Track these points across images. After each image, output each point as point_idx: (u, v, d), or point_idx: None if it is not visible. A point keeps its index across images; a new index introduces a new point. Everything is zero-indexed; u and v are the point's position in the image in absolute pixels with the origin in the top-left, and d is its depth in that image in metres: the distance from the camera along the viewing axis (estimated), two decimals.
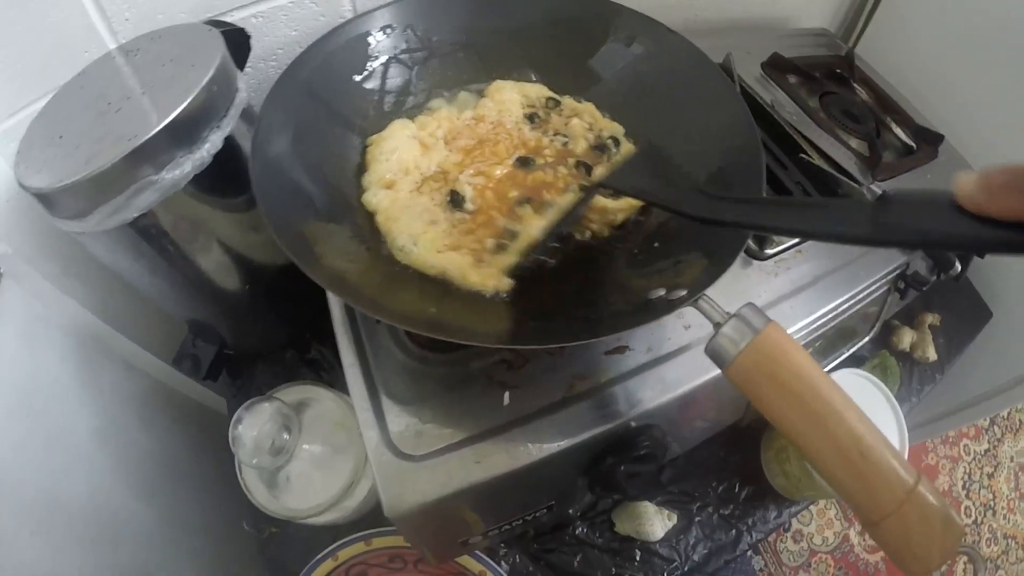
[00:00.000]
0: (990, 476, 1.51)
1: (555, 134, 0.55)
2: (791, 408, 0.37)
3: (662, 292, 0.42)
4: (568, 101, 0.58)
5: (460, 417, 0.45)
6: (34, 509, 0.51)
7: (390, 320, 0.38)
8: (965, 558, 0.37)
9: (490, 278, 0.44)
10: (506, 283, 0.45)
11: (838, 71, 0.80)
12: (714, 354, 0.38)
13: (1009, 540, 1.44)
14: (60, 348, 0.61)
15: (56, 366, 0.60)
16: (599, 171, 0.53)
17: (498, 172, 0.50)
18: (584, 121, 0.56)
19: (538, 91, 0.59)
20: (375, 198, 0.48)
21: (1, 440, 0.48)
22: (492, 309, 0.44)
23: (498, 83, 0.58)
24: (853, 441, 0.35)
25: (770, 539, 1.35)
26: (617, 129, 0.57)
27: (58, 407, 0.59)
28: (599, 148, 0.55)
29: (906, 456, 0.61)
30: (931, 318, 0.81)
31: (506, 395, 0.46)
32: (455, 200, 0.49)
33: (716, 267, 0.42)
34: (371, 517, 0.59)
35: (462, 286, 0.44)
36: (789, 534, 1.36)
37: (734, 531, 0.64)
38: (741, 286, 0.55)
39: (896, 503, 0.34)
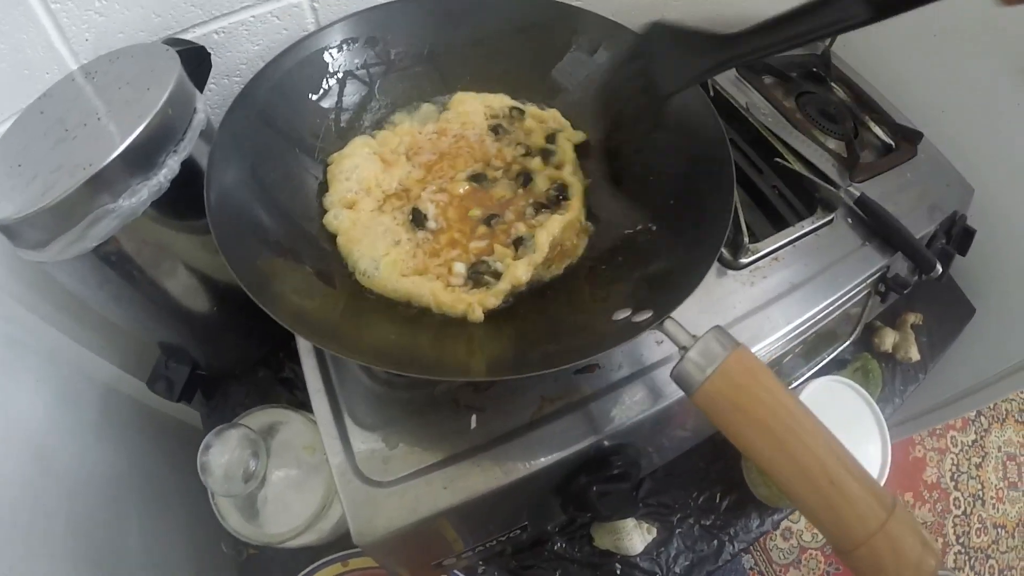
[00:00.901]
0: (978, 466, 1.52)
1: (518, 144, 0.54)
2: (759, 436, 0.36)
3: (627, 313, 0.41)
4: (532, 109, 0.57)
5: (427, 442, 0.44)
6: (21, 540, 0.51)
7: (352, 357, 0.37)
8: None
9: (460, 303, 0.43)
10: (480, 314, 0.44)
11: (815, 70, 0.79)
12: (680, 379, 0.38)
13: (999, 529, 1.44)
14: (36, 372, 0.61)
15: (33, 390, 0.59)
16: (538, 181, 0.52)
17: (459, 189, 0.50)
18: (546, 127, 0.56)
19: (501, 101, 0.58)
20: (336, 220, 0.47)
21: None
22: (460, 334, 0.44)
23: (460, 95, 0.57)
24: (823, 469, 0.35)
25: (760, 539, 1.36)
26: (575, 134, 0.56)
27: (38, 433, 0.58)
28: (544, 153, 0.54)
29: (887, 468, 0.60)
30: (913, 318, 0.81)
31: (473, 418, 0.45)
32: (416, 218, 0.48)
33: (683, 287, 0.41)
34: (347, 539, 0.58)
35: (432, 309, 0.44)
36: (779, 532, 1.37)
37: (716, 541, 0.63)
38: (715, 296, 0.54)
39: (868, 533, 0.33)
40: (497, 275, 0.46)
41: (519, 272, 0.46)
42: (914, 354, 0.78)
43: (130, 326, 0.62)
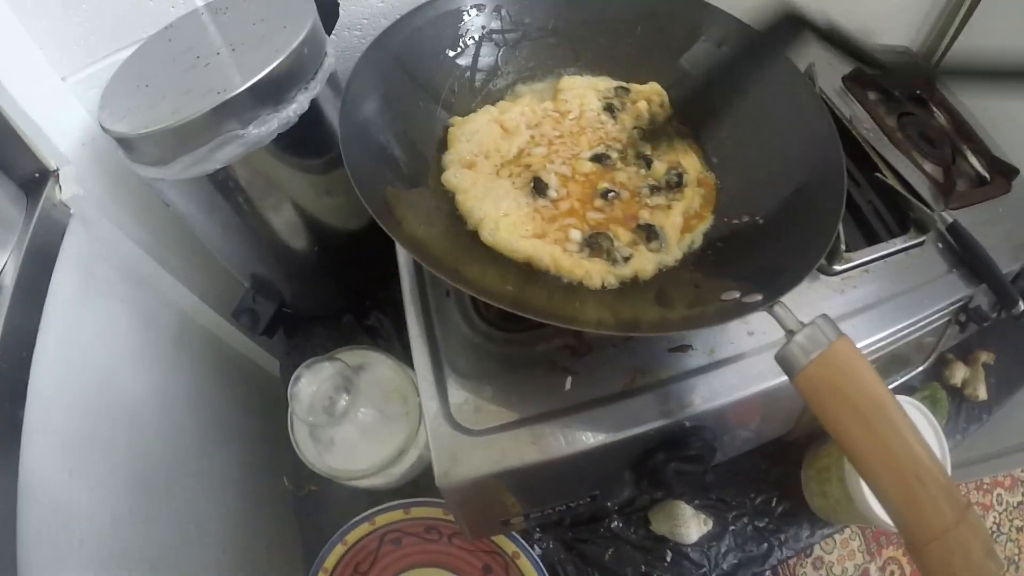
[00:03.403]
0: (1019, 530, 1.47)
1: (634, 128, 0.56)
2: (854, 423, 0.37)
3: (736, 295, 0.41)
4: (635, 86, 0.58)
5: (520, 397, 0.45)
6: (76, 449, 0.52)
7: (477, 293, 0.38)
8: None
9: (579, 268, 0.44)
10: (597, 282, 0.45)
11: (919, 92, 0.78)
12: (784, 361, 0.38)
13: None
14: (119, 294, 0.63)
15: (112, 311, 0.62)
16: (657, 165, 0.53)
17: (584, 168, 0.51)
18: (653, 103, 0.57)
19: (606, 83, 0.59)
20: (455, 178, 0.49)
21: (45, 377, 0.49)
22: (571, 296, 0.44)
23: (567, 79, 0.58)
24: (912, 463, 0.35)
25: (790, 563, 1.34)
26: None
27: (109, 352, 0.60)
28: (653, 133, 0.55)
29: None
30: (985, 356, 0.79)
31: (568, 380, 0.46)
32: (538, 187, 0.49)
33: (791, 275, 0.41)
34: (410, 487, 0.60)
35: (550, 271, 0.45)
36: (810, 560, 1.34)
37: (766, 544, 0.63)
38: (806, 299, 0.54)
39: (943, 529, 0.34)
40: (624, 258, 0.47)
41: (648, 266, 0.47)
42: (982, 393, 0.77)
43: (227, 254, 0.64)
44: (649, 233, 0.48)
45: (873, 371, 0.37)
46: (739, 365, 0.49)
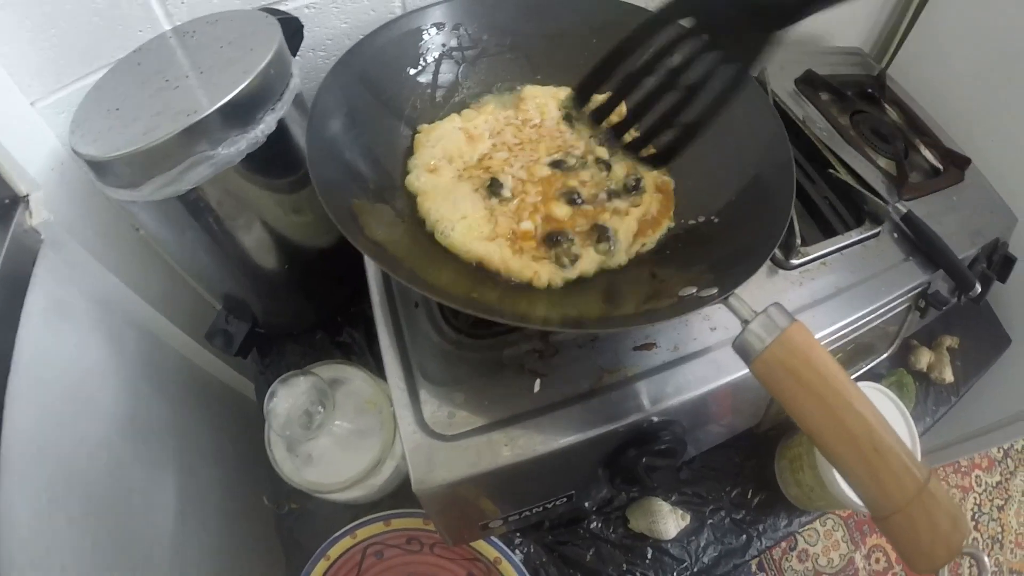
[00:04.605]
0: (1000, 509, 1.50)
1: (591, 134, 0.57)
2: (810, 402, 0.38)
3: (693, 290, 0.43)
4: (594, 96, 0.60)
5: (491, 401, 0.46)
6: (54, 478, 0.52)
7: (429, 292, 0.39)
8: (971, 560, 0.37)
9: (527, 270, 0.46)
10: (544, 282, 0.47)
11: (870, 91, 0.81)
12: (741, 349, 0.40)
13: (1015, 575, 1.42)
14: (92, 319, 0.62)
15: (84, 336, 0.61)
16: (617, 169, 0.55)
17: (539, 171, 0.52)
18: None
19: (566, 92, 0.60)
20: (418, 181, 0.50)
21: (21, 405, 0.49)
22: (525, 297, 0.46)
23: (530, 88, 0.60)
24: (868, 436, 0.37)
25: (775, 556, 1.35)
26: None
27: (82, 378, 0.60)
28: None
29: None
30: (950, 340, 0.82)
31: (537, 382, 0.47)
32: (493, 187, 0.51)
33: (745, 269, 0.43)
34: (390, 499, 0.61)
35: (501, 273, 0.46)
36: (795, 553, 1.36)
37: (744, 536, 0.64)
38: (766, 293, 0.56)
39: (906, 499, 0.35)
40: (575, 259, 0.48)
41: (590, 268, 0.48)
42: (948, 375, 0.79)
43: (199, 275, 0.64)
44: (601, 235, 0.49)
45: (827, 352, 0.39)
46: (703, 359, 0.50)
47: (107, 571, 0.54)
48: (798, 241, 0.58)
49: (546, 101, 0.59)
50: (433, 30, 0.57)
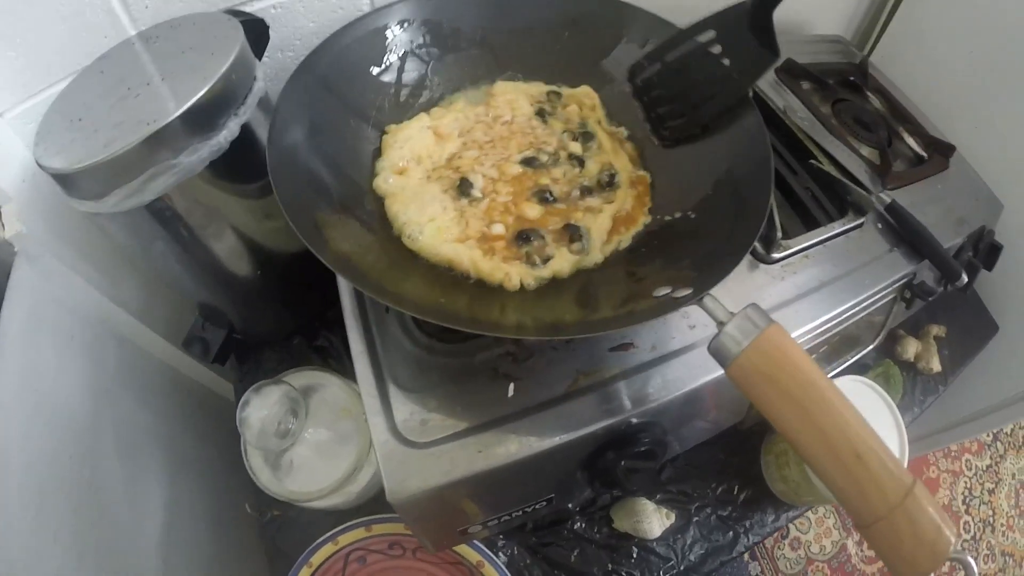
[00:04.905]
0: (991, 492, 1.51)
1: (564, 131, 0.56)
2: (789, 409, 0.37)
3: (667, 290, 0.42)
4: (566, 90, 0.59)
5: (464, 407, 0.45)
6: (40, 494, 0.51)
7: (394, 304, 0.39)
8: (958, 565, 0.37)
9: (498, 271, 0.45)
10: (516, 283, 0.46)
11: (852, 79, 0.80)
12: (716, 352, 0.39)
13: (1007, 557, 1.43)
14: (68, 329, 0.62)
15: (62, 348, 0.60)
16: (590, 165, 0.54)
17: (512, 170, 0.51)
18: (584, 106, 0.58)
19: (538, 88, 0.59)
20: (385, 183, 0.49)
21: (4, 426, 0.48)
22: (496, 299, 0.45)
23: (501, 84, 0.59)
24: (849, 444, 0.36)
25: (768, 545, 1.35)
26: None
27: (62, 388, 0.59)
28: (584, 135, 0.56)
29: (905, 464, 0.61)
30: (936, 329, 0.81)
31: (511, 387, 0.46)
32: (463, 187, 0.50)
33: (721, 268, 0.42)
34: (372, 504, 0.60)
35: (471, 275, 0.45)
36: (787, 541, 1.36)
37: (731, 533, 0.64)
38: (746, 289, 0.55)
39: (888, 508, 0.34)
40: (547, 259, 0.47)
41: (565, 267, 0.47)
42: (935, 365, 0.79)
43: (173, 284, 0.63)
44: (573, 234, 0.48)
45: (806, 356, 0.38)
46: (682, 359, 0.49)
47: None
48: (779, 235, 0.57)
49: (516, 97, 0.58)
50: (398, 28, 0.56)
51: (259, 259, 0.60)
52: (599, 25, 0.59)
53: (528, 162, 0.53)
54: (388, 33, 0.55)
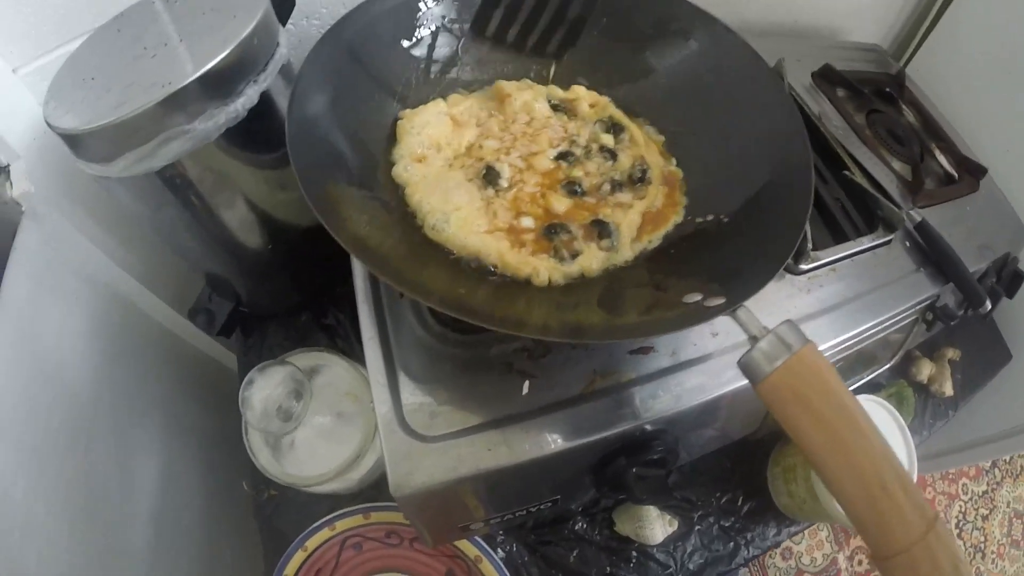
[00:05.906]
0: (984, 518, 1.50)
1: (597, 121, 0.55)
2: (819, 432, 0.36)
3: (698, 297, 0.40)
4: (580, 89, 0.57)
5: (476, 402, 0.44)
6: (34, 463, 0.50)
7: (416, 295, 0.37)
8: None
9: (526, 266, 0.43)
10: (544, 279, 0.44)
11: (887, 90, 0.78)
12: (747, 368, 0.37)
13: None
14: (74, 293, 0.60)
15: (66, 312, 0.59)
16: (623, 158, 0.52)
17: (542, 164, 0.49)
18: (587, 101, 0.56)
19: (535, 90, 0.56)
20: (405, 172, 0.47)
21: (7, 383, 0.47)
22: (520, 295, 0.43)
23: (500, 84, 0.55)
24: (877, 475, 0.35)
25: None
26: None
27: (64, 350, 0.58)
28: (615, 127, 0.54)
29: None
30: (952, 352, 0.80)
31: (525, 384, 0.45)
32: (489, 176, 0.48)
33: (756, 279, 0.41)
34: (371, 491, 0.59)
35: (497, 268, 0.43)
36: (779, 550, 1.36)
37: (732, 544, 0.63)
38: (772, 298, 0.53)
39: (909, 542, 0.33)
40: (575, 254, 0.45)
41: (595, 264, 0.46)
42: (948, 389, 0.78)
43: (180, 253, 0.62)
44: (601, 230, 0.47)
45: (839, 379, 0.37)
46: (703, 367, 0.48)
47: (83, 556, 0.52)
48: (809, 245, 0.55)
49: (523, 95, 0.55)
50: (431, 1, 0.54)
51: (270, 232, 0.58)
52: (640, 14, 0.56)
53: (563, 156, 0.51)
54: (421, 5, 0.53)
